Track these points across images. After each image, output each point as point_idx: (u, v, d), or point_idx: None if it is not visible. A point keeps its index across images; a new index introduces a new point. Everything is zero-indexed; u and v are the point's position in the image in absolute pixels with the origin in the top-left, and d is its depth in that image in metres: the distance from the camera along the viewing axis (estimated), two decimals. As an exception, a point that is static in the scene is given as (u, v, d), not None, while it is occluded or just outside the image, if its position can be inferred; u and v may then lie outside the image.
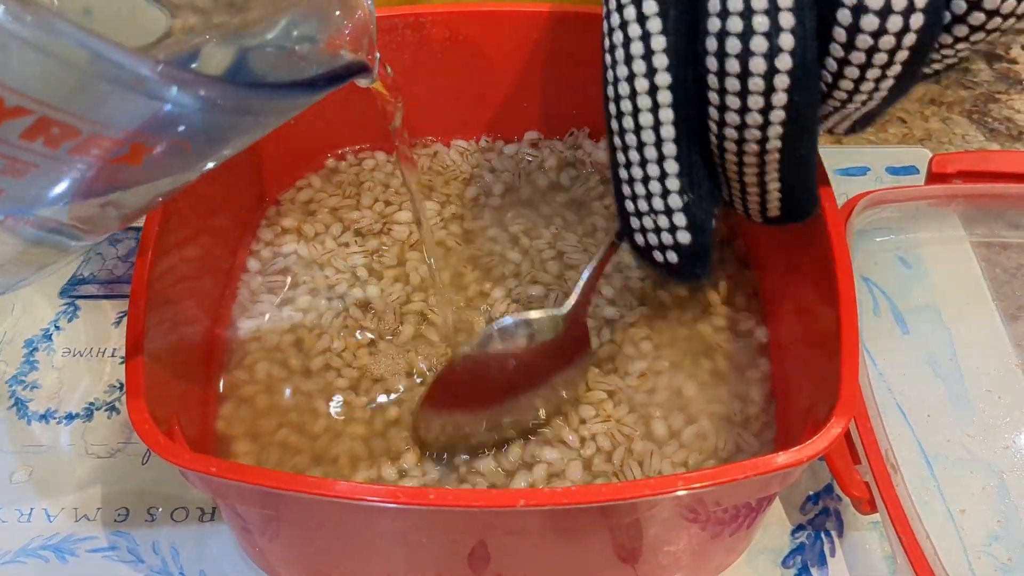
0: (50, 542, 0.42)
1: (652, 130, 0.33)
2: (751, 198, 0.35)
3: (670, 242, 0.35)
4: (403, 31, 0.48)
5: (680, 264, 0.35)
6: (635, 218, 0.35)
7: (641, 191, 0.34)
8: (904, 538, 0.38)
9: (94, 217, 0.25)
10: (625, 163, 0.34)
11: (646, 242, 0.35)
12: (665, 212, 0.34)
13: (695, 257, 0.35)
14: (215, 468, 0.31)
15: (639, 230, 0.35)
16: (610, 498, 0.30)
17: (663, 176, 0.33)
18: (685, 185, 0.33)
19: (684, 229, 0.34)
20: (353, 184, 0.51)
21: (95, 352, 0.49)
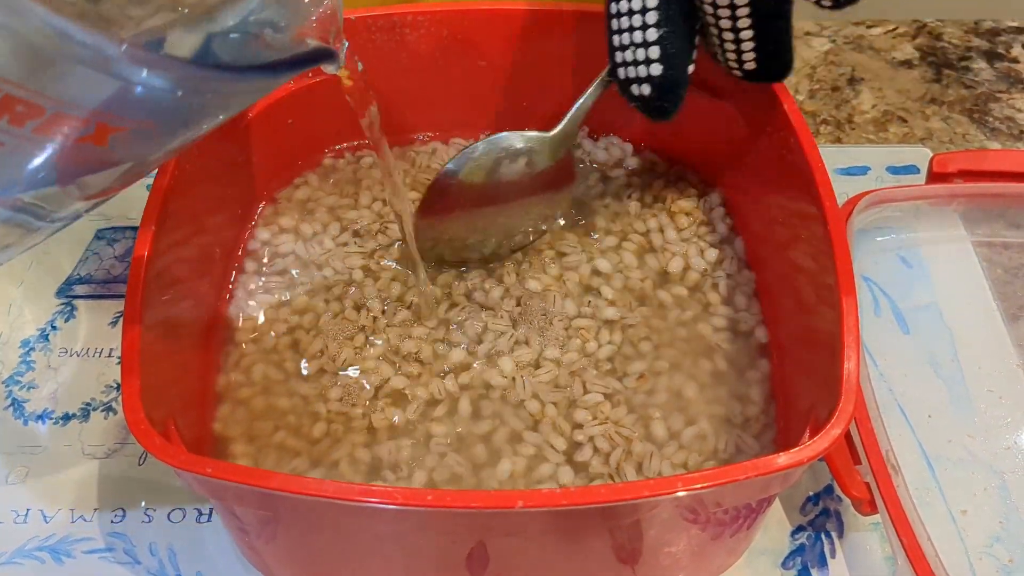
0: (46, 543, 0.42)
1: None
2: (728, 46, 0.40)
3: (644, 74, 0.39)
4: (401, 29, 0.48)
5: (651, 96, 0.40)
6: (619, 52, 0.40)
7: (625, 24, 0.39)
8: (905, 539, 0.37)
9: (56, 196, 0.25)
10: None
11: (626, 76, 0.40)
12: (642, 44, 0.39)
13: (665, 89, 0.39)
14: (211, 469, 0.30)
15: (621, 64, 0.40)
16: (609, 499, 0.30)
17: (644, 10, 0.38)
18: (661, 19, 0.38)
19: (657, 61, 0.39)
20: (351, 182, 0.51)
21: (92, 352, 0.49)
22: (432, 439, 0.41)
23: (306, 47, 0.30)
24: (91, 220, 0.55)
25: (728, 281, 0.46)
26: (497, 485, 0.39)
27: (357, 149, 0.53)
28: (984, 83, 0.65)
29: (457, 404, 0.42)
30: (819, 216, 0.38)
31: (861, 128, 0.61)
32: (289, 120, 0.49)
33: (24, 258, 0.53)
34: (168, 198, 0.39)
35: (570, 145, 0.45)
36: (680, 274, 0.47)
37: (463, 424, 0.41)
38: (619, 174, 0.51)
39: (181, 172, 0.40)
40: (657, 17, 0.38)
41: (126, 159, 0.25)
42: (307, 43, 0.30)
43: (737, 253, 0.48)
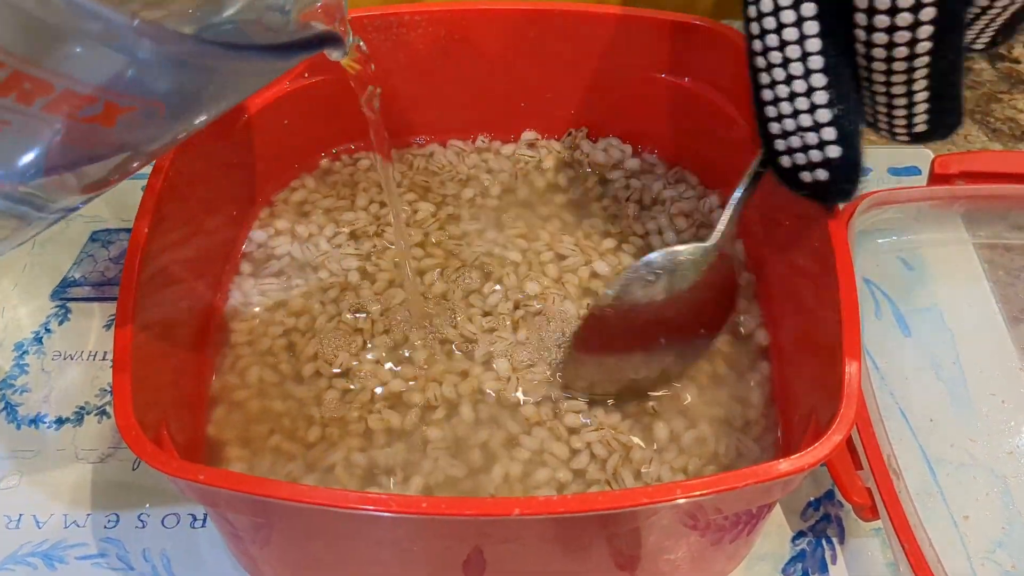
0: (39, 548, 0.41)
1: (797, 44, 0.34)
2: (897, 111, 0.35)
3: (819, 159, 0.35)
4: (399, 29, 0.48)
5: (831, 180, 0.35)
6: (781, 140, 0.36)
7: (787, 109, 0.35)
8: (907, 545, 0.37)
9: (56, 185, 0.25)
10: (770, 83, 0.35)
11: (793, 163, 0.36)
12: (813, 128, 0.34)
13: (845, 171, 0.35)
14: (203, 476, 0.30)
15: (786, 152, 0.36)
16: (607, 507, 0.30)
17: (810, 91, 0.34)
18: (834, 97, 0.34)
19: (834, 143, 0.34)
20: (348, 185, 0.51)
21: (86, 355, 0.49)
22: (428, 444, 0.40)
23: (311, 30, 0.30)
24: (86, 222, 0.55)
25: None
26: (494, 490, 0.39)
27: (354, 152, 0.52)
28: (986, 84, 0.65)
29: (455, 408, 0.41)
30: (819, 218, 0.38)
31: (862, 129, 0.61)
32: (285, 122, 0.49)
33: (18, 260, 0.53)
34: (163, 200, 0.38)
35: (728, 252, 0.41)
36: (679, 276, 0.46)
37: (460, 428, 0.41)
38: (618, 176, 0.51)
39: (176, 174, 0.39)
40: (828, 96, 0.34)
41: (130, 143, 0.25)
42: (313, 27, 0.30)
43: (737, 255, 0.47)
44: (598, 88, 0.51)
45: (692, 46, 0.47)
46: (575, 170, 0.52)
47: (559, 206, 0.50)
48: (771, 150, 0.36)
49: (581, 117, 0.52)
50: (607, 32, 0.48)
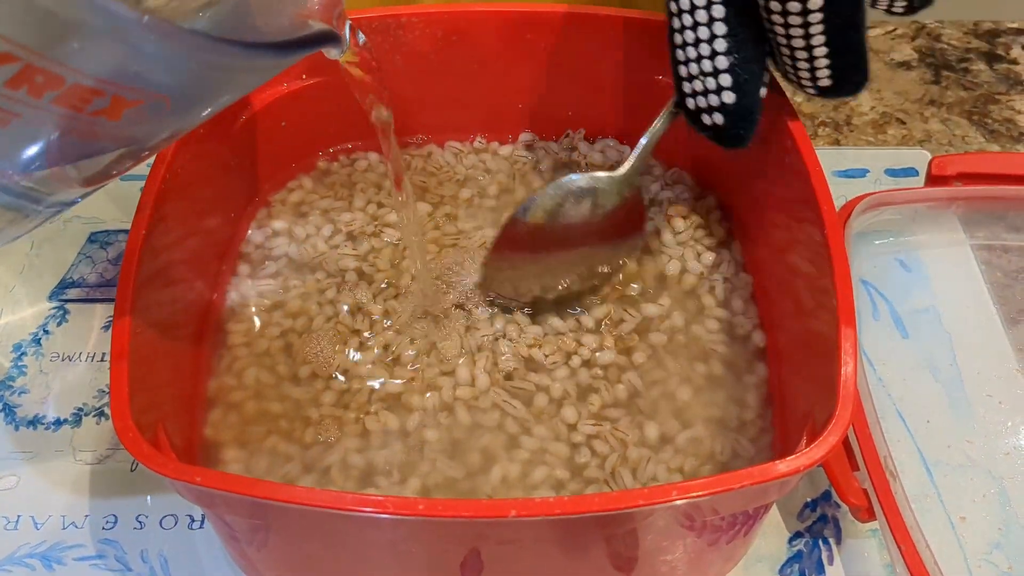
0: (37, 550, 0.41)
1: None
2: (800, 64, 0.37)
3: (716, 103, 0.38)
4: (396, 31, 0.48)
5: (726, 125, 0.38)
6: (687, 82, 0.39)
7: (692, 54, 0.38)
8: (903, 546, 0.37)
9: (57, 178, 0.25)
10: (679, 27, 0.38)
11: (696, 105, 0.39)
12: (712, 73, 0.37)
13: (739, 117, 0.38)
14: (200, 477, 0.30)
15: (691, 94, 0.39)
16: (604, 508, 0.30)
17: (712, 38, 0.37)
18: (732, 46, 0.37)
19: (729, 89, 0.37)
20: (345, 185, 0.51)
21: (84, 356, 0.49)
22: (426, 444, 0.40)
23: (310, 29, 0.30)
24: (84, 223, 0.55)
25: (725, 284, 0.46)
26: (491, 491, 0.39)
27: (351, 152, 0.52)
28: (983, 85, 0.65)
29: (452, 408, 0.41)
30: (817, 219, 0.38)
31: (860, 130, 0.61)
32: (283, 123, 0.49)
33: (17, 261, 0.53)
34: (160, 201, 0.38)
35: (638, 184, 0.44)
36: (677, 277, 0.46)
37: (458, 429, 0.41)
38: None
39: (173, 175, 0.40)
40: (727, 45, 0.37)
41: (135, 137, 0.25)
42: (310, 24, 0.30)
43: (734, 256, 0.47)
44: (595, 90, 0.51)
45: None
46: (572, 171, 0.51)
47: (557, 207, 0.50)
48: (680, 92, 0.39)
49: (578, 118, 0.52)
50: (604, 34, 0.48)
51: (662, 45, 0.47)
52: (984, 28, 0.69)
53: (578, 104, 0.51)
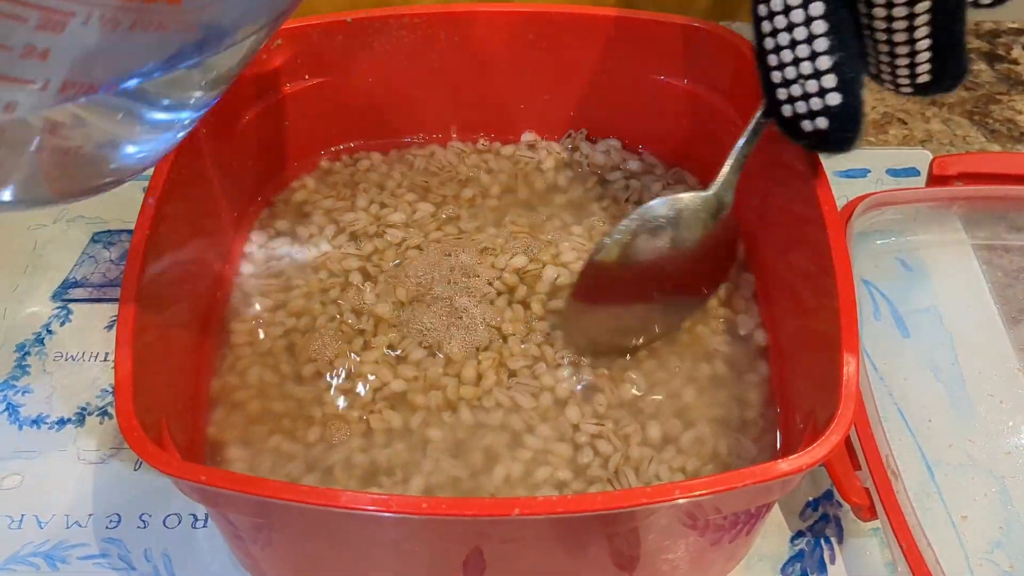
0: (41, 549, 0.42)
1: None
2: (900, 60, 0.35)
3: (819, 107, 0.35)
4: (399, 31, 0.48)
5: (831, 129, 0.36)
6: (782, 88, 0.36)
7: (788, 57, 0.35)
8: (905, 545, 0.37)
9: (174, 84, 0.25)
10: (771, 31, 0.35)
11: (794, 112, 0.36)
12: (814, 75, 0.35)
13: (846, 119, 0.35)
14: (204, 476, 0.30)
15: (787, 100, 0.36)
16: (607, 507, 0.30)
17: (811, 38, 0.35)
18: (835, 44, 0.34)
19: (834, 90, 0.35)
20: (348, 185, 0.51)
21: (87, 356, 0.49)
22: (429, 443, 0.40)
23: None
24: (87, 223, 0.55)
25: (727, 284, 0.46)
26: (494, 490, 0.39)
27: (354, 151, 0.52)
28: (984, 85, 0.65)
29: (456, 407, 0.42)
30: (818, 219, 0.38)
31: (861, 130, 0.61)
32: (286, 123, 0.49)
33: (20, 261, 0.53)
34: (163, 201, 0.38)
35: (730, 203, 0.41)
36: (679, 277, 0.46)
37: (461, 428, 0.41)
38: (618, 176, 0.51)
39: (177, 175, 0.40)
40: (829, 43, 0.35)
41: (204, 25, 0.24)
42: None
43: (736, 255, 0.47)
44: (597, 90, 0.51)
45: (690, 48, 0.47)
46: (575, 171, 0.52)
47: (559, 207, 0.50)
48: (773, 100, 0.37)
49: (580, 118, 0.52)
50: (606, 34, 0.48)
51: (664, 45, 0.48)
52: (985, 28, 0.69)
53: (580, 104, 0.52)
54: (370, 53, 0.48)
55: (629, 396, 0.42)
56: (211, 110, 0.42)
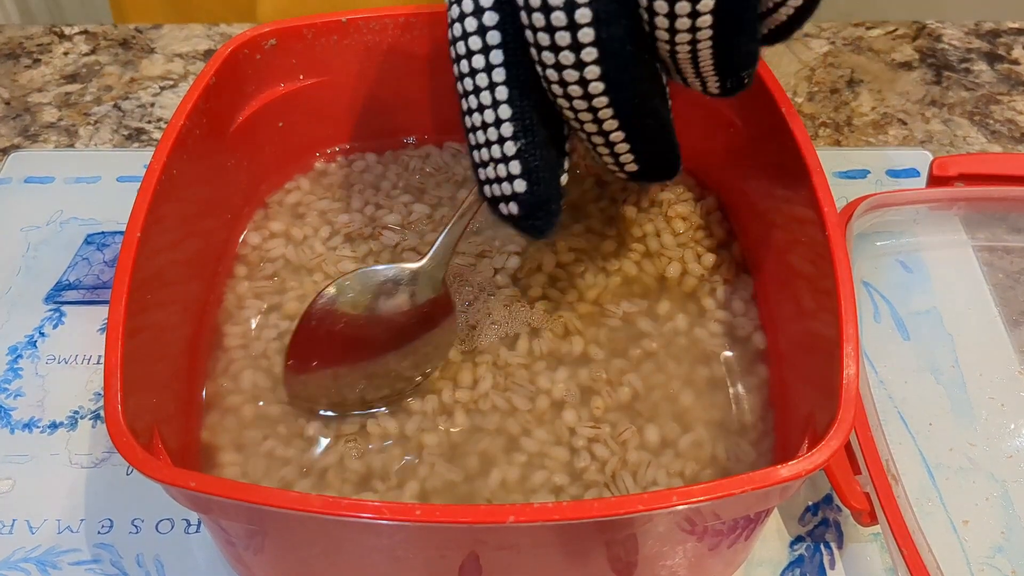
0: (32, 554, 0.41)
1: (485, 73, 0.33)
2: (600, 149, 0.34)
3: (509, 192, 0.34)
4: (394, 31, 0.47)
5: (521, 215, 0.34)
6: (481, 169, 0.34)
7: (481, 139, 0.34)
8: (905, 550, 0.37)
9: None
10: (467, 110, 0.34)
11: (492, 194, 0.35)
12: (502, 160, 0.33)
13: (534, 208, 0.34)
14: (195, 483, 0.30)
15: (486, 181, 0.35)
16: (603, 514, 0.29)
17: (498, 122, 0.33)
18: (519, 130, 0.33)
19: (520, 177, 0.33)
20: (343, 186, 0.50)
21: (80, 359, 0.48)
22: (424, 448, 0.40)
23: None
24: (80, 225, 0.55)
25: (725, 286, 0.46)
26: (490, 495, 0.39)
27: (349, 153, 0.52)
28: (985, 85, 0.64)
29: (451, 412, 0.41)
30: (818, 221, 0.38)
31: (860, 131, 0.61)
32: (279, 123, 0.49)
33: (12, 264, 0.53)
34: (156, 202, 0.38)
35: (445, 274, 0.41)
36: (678, 279, 0.46)
37: (456, 432, 0.41)
38: (615, 178, 0.50)
39: (169, 176, 0.39)
40: (513, 129, 0.33)
41: None
42: None
43: (735, 258, 0.47)
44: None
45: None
46: (571, 173, 0.51)
47: (556, 208, 0.50)
48: (477, 179, 0.35)
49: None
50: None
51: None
52: (985, 28, 0.69)
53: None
54: (365, 53, 0.48)
55: (626, 399, 0.41)
56: (204, 110, 0.42)
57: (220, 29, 0.69)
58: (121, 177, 0.58)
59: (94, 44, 0.68)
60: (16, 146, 0.60)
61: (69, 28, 0.69)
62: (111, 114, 0.62)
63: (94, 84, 0.65)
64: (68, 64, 0.67)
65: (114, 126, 0.62)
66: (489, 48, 0.32)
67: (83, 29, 0.69)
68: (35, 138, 0.61)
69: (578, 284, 0.46)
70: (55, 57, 0.67)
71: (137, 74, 0.65)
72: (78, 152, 0.60)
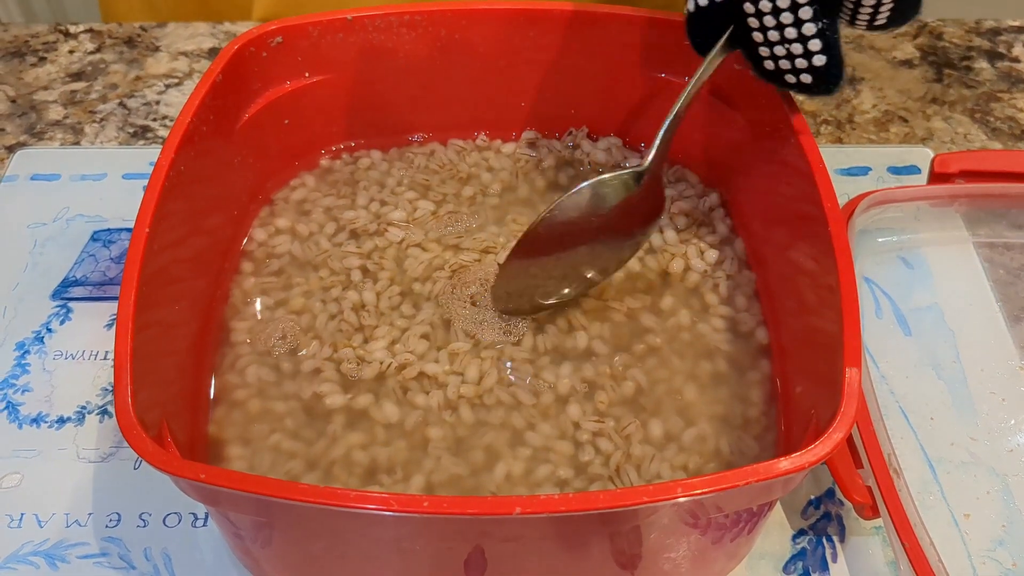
0: (40, 548, 0.41)
1: None
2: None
3: (804, 65, 0.39)
4: (399, 29, 0.48)
5: (816, 83, 0.40)
6: (764, 47, 0.40)
7: (771, 23, 0.39)
8: (907, 544, 0.37)
9: None
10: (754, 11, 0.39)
11: (777, 67, 0.40)
12: (798, 39, 0.39)
13: (832, 75, 0.40)
14: (204, 475, 0.30)
15: (769, 58, 0.40)
16: (609, 505, 0.30)
17: (794, 7, 0.38)
18: (817, 12, 0.38)
19: (820, 53, 0.39)
20: (348, 183, 0.51)
21: (87, 355, 0.49)
22: (430, 442, 0.40)
23: None
24: (87, 222, 0.55)
25: (728, 282, 0.46)
26: (495, 488, 0.39)
27: (354, 150, 0.52)
28: (985, 83, 0.65)
29: (456, 406, 0.41)
30: (820, 217, 0.38)
31: (862, 128, 0.61)
32: (285, 121, 0.49)
33: (19, 260, 0.53)
34: (163, 199, 0.38)
35: (662, 170, 0.43)
36: (681, 275, 0.46)
37: (462, 426, 0.41)
38: None
39: (176, 173, 0.39)
40: (812, 11, 0.38)
41: None
42: None
43: (737, 254, 0.47)
44: (598, 87, 0.51)
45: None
46: (575, 169, 0.52)
47: (560, 205, 0.50)
48: (754, 56, 0.40)
49: (581, 116, 0.52)
50: (607, 31, 0.48)
51: (666, 42, 0.47)
52: (986, 26, 0.69)
53: (581, 102, 0.51)
54: (370, 50, 0.48)
55: (630, 393, 0.42)
56: (211, 109, 0.43)
57: (225, 28, 0.69)
58: (127, 174, 0.58)
59: (99, 42, 0.68)
60: (22, 144, 0.61)
61: (74, 26, 0.70)
62: (116, 112, 0.63)
63: (99, 82, 0.65)
64: (74, 62, 0.67)
65: (119, 124, 0.62)
66: None
67: (88, 27, 0.70)
68: (41, 136, 0.61)
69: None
70: (60, 55, 0.67)
71: (142, 72, 0.66)
72: (84, 149, 0.60)
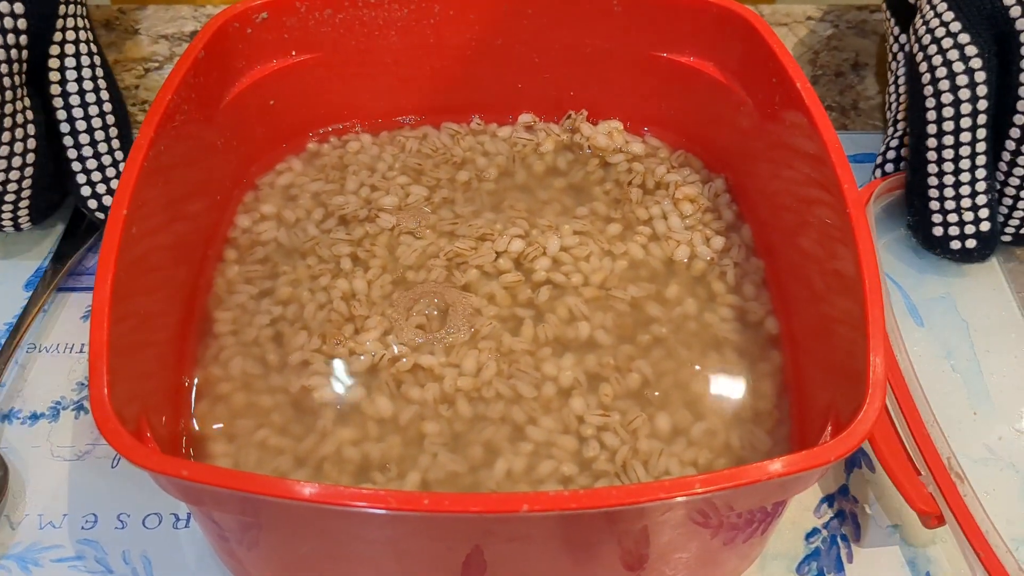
0: (12, 551, 0.40)
1: (969, 145, 0.44)
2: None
3: (972, 231, 0.45)
4: (390, 5, 0.46)
5: (978, 248, 0.46)
6: (938, 215, 0.46)
7: (950, 193, 0.45)
8: (982, 553, 0.35)
9: None
10: (937, 172, 0.45)
11: (945, 233, 0.46)
12: (972, 208, 0.45)
13: (992, 240, 0.46)
14: (186, 471, 0.28)
15: (940, 224, 0.46)
16: (620, 502, 0.28)
17: (973, 180, 0.45)
18: (991, 184, 0.45)
19: (986, 220, 0.45)
20: (337, 168, 0.49)
21: (62, 348, 0.47)
22: (425, 437, 0.38)
23: None
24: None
25: (736, 270, 0.44)
26: (495, 485, 0.37)
27: (343, 132, 0.50)
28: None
29: (453, 399, 0.39)
30: (837, 202, 0.36)
31: (867, 114, 0.59)
32: (271, 102, 0.47)
33: (-9, 249, 0.51)
34: (142, 184, 0.36)
35: None
36: (686, 263, 0.45)
37: (459, 421, 0.39)
38: (620, 159, 0.49)
39: (155, 156, 0.38)
40: (986, 185, 0.44)
41: None
42: None
43: (744, 240, 0.45)
44: (598, 68, 0.49)
45: (697, 23, 0.46)
46: (575, 153, 0.50)
47: (559, 190, 0.48)
48: (925, 221, 0.46)
49: (580, 99, 0.50)
50: (607, 9, 0.46)
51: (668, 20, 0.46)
52: (990, 11, 0.68)
53: (580, 84, 0.50)
54: (361, 28, 0.47)
55: (636, 386, 0.40)
56: (193, 87, 0.41)
57: (207, 11, 0.67)
58: (105, 160, 0.56)
59: (76, 25, 0.66)
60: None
61: (50, 9, 0.67)
62: (94, 96, 0.60)
63: (77, 66, 0.63)
64: (49, 46, 0.64)
65: (97, 109, 0.60)
66: (977, 112, 0.44)
67: (65, 10, 0.67)
68: (15, 121, 0.59)
69: (583, 268, 0.44)
70: (36, 38, 0.65)
71: (121, 55, 0.63)
72: (60, 135, 0.58)
